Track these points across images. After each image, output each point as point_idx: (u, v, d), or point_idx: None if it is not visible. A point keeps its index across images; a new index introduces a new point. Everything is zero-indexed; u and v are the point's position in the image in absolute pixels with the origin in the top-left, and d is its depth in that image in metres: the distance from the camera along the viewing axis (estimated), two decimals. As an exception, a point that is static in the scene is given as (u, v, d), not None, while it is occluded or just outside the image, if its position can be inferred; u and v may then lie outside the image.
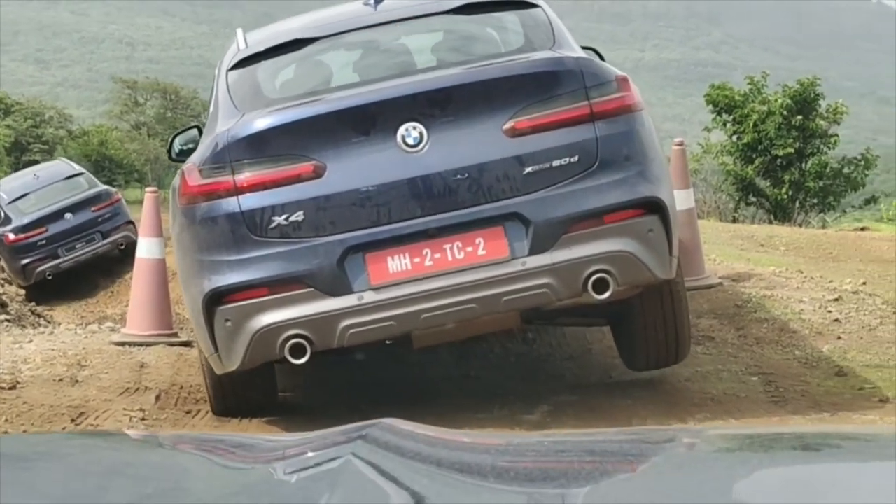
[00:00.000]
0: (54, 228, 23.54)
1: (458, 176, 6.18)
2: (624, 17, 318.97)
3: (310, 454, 2.42)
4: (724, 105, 31.03)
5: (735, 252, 11.70)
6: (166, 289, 9.14)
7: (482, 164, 6.19)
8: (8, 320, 11.42)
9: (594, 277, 6.10)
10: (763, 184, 31.17)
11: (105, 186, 26.39)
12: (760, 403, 6.72)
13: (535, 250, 6.14)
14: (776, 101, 30.58)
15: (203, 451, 2.65)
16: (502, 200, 6.17)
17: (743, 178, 30.58)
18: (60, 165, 28.10)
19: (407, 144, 6.19)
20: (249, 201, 6.22)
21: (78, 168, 27.38)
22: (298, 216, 6.17)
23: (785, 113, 30.31)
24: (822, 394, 6.92)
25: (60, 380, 7.56)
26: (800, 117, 30.66)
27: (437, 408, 6.88)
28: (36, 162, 71.74)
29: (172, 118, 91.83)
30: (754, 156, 30.76)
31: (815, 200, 31.50)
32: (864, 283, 9.77)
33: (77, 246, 23.61)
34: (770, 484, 1.78)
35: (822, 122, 31.05)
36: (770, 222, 31.49)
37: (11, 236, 23.41)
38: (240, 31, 7.48)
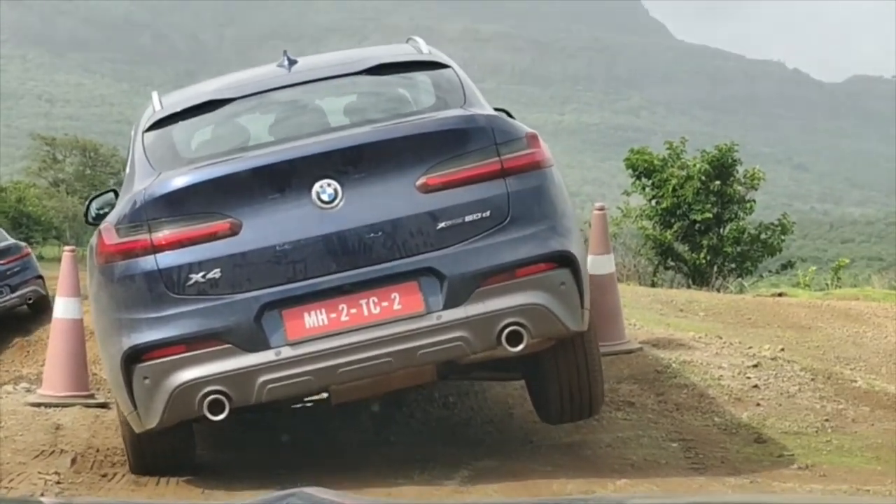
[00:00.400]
0: None
1: (373, 232, 6.37)
2: (544, 79, 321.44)
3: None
4: (643, 169, 30.95)
5: (655, 317, 11.72)
6: (83, 349, 8.99)
7: (396, 220, 6.39)
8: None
9: (508, 330, 6.31)
10: (682, 248, 31.17)
11: (14, 241, 25.53)
12: (681, 470, 6.73)
13: (449, 304, 6.33)
14: (694, 166, 30.53)
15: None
16: (416, 255, 6.37)
17: (662, 242, 30.57)
18: None
19: (322, 201, 6.37)
20: (166, 259, 6.34)
21: None
22: (215, 273, 6.30)
23: (703, 178, 30.25)
24: (742, 460, 6.95)
25: (-27, 442, 7.42)
26: (718, 182, 30.70)
27: (356, 473, 6.83)
28: (-47, 220, 71.17)
29: (92, 175, 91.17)
30: (673, 220, 30.73)
31: (733, 265, 31.65)
32: (783, 350, 9.82)
33: None
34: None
35: (739, 188, 31.14)
36: (689, 286, 31.63)
37: None
38: (155, 94, 7.58)
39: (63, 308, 8.93)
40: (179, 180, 6.53)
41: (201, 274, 6.32)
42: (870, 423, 8.05)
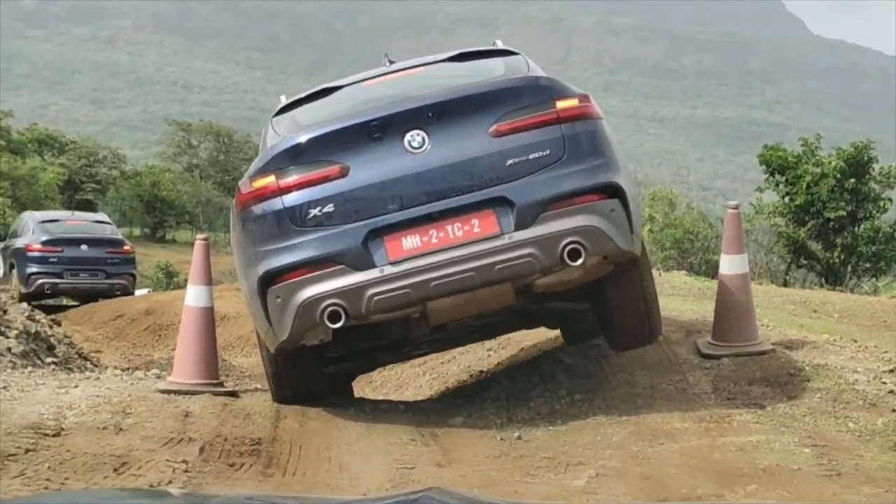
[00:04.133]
0: (69, 252, 26.96)
1: (454, 170, 7.68)
2: (678, 73, 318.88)
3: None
4: (777, 166, 30.66)
5: (788, 317, 11.51)
6: (213, 337, 9.04)
7: (473, 159, 7.70)
8: (55, 363, 11.35)
9: (569, 247, 7.55)
10: (815, 246, 30.79)
11: (122, 237, 30.07)
12: (813, 477, 6.55)
13: (519, 227, 7.60)
14: (829, 163, 30.19)
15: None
16: (491, 188, 7.66)
17: (795, 240, 30.19)
18: (95, 214, 33.70)
19: (412, 147, 7.75)
20: (290, 199, 7.76)
21: (108, 220, 31.76)
22: (330, 208, 7.70)
23: (838, 175, 29.94)
24: (877, 468, 6.74)
25: (104, 427, 7.45)
26: (853, 180, 30.30)
27: (481, 470, 6.79)
28: (89, 201, 72.50)
29: (225, 161, 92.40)
30: (806, 218, 30.39)
31: (868, 265, 31.12)
32: (920, 355, 9.59)
33: (81, 275, 27.05)
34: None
35: (875, 186, 30.72)
36: (821, 286, 31.08)
37: (31, 246, 26.94)
38: (283, 97, 9.26)
39: (194, 296, 8.96)
40: (299, 136, 7.96)
41: (318, 209, 7.70)
42: None
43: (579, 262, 7.58)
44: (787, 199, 30.76)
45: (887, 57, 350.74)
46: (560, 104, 7.86)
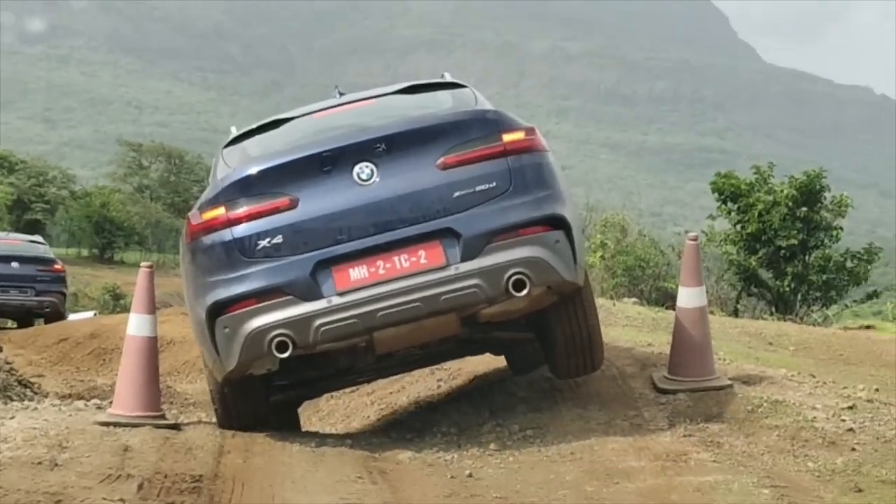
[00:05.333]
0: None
1: (402, 201, 7.83)
2: (630, 99, 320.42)
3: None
4: (729, 193, 30.63)
5: (744, 350, 11.30)
6: (155, 368, 8.70)
7: (421, 191, 7.84)
8: (-9, 391, 10.99)
9: (513, 278, 7.73)
10: (766, 275, 30.75)
11: (53, 256, 30.39)
12: (774, 520, 6.35)
13: (465, 258, 7.76)
14: (782, 191, 30.13)
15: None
16: (438, 219, 7.81)
17: (746, 268, 30.09)
18: (30, 235, 34.03)
19: (361, 179, 7.89)
20: (239, 230, 7.90)
21: (42, 240, 32.29)
22: (278, 239, 7.84)
23: (790, 204, 29.88)
24: (839, 512, 6.55)
25: (40, 462, 7.12)
26: (805, 209, 30.31)
27: None
28: (37, 221, 71.99)
29: (176, 182, 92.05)
30: (758, 246, 30.30)
31: (818, 294, 31.12)
32: (878, 390, 9.35)
33: (10, 291, 27.40)
34: None
35: (826, 215, 30.76)
36: (771, 314, 31.08)
37: None
38: (233, 128, 9.37)
39: (137, 325, 8.64)
40: (248, 168, 8.09)
41: (267, 240, 7.84)
42: (974, 473, 7.59)
43: (524, 292, 7.78)
44: (738, 226, 30.69)
45: (837, 85, 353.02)
46: (507, 137, 8.03)
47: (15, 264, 27.84)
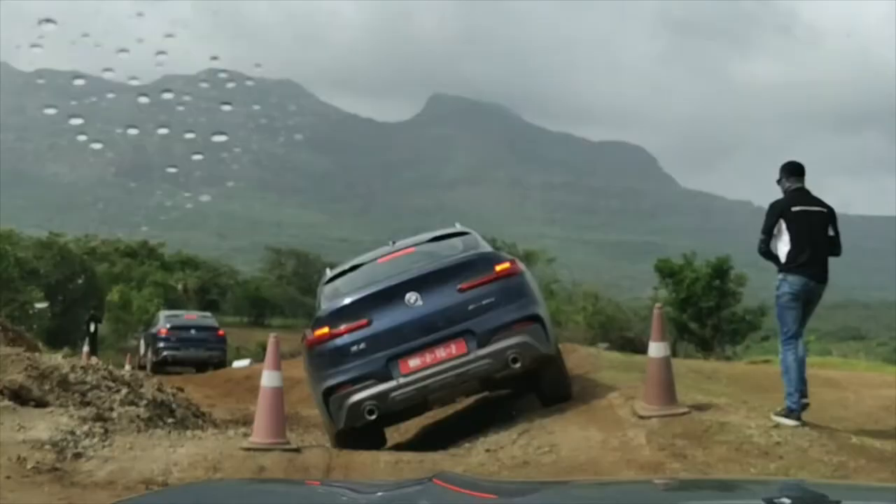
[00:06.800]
0: (183, 335, 28.06)
1: (438, 315, 8.15)
2: (596, 211, 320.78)
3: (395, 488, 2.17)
4: (667, 272, 31.28)
5: (692, 384, 10.47)
6: (281, 408, 8.04)
7: (448, 307, 8.18)
8: (174, 422, 10.28)
9: (511, 356, 8.11)
10: (693, 326, 31.18)
11: (219, 326, 30.99)
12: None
13: (480, 346, 8.11)
14: (702, 270, 31.19)
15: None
16: (460, 324, 8.14)
17: (680, 322, 30.58)
18: (204, 312, 35.92)
19: (411, 302, 8.21)
20: (339, 341, 8.22)
21: (210, 315, 33.86)
22: (363, 346, 8.14)
23: (708, 278, 30.89)
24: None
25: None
26: (718, 281, 31.36)
27: None
28: (215, 301, 71.90)
29: (304, 273, 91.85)
30: (687, 307, 31.17)
31: (728, 338, 31.94)
32: (792, 412, 8.57)
33: (190, 349, 27.77)
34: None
35: (731, 285, 31.84)
36: (698, 351, 30.70)
37: (161, 330, 28.17)
38: (328, 269, 9.72)
39: (268, 378, 8.01)
40: (340, 302, 8.43)
41: (356, 346, 8.16)
42: (867, 472, 6.82)
43: (518, 365, 8.12)
44: (674, 294, 31.32)
45: (730, 200, 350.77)
46: (498, 267, 8.36)
47: (193, 331, 28.48)
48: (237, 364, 29.37)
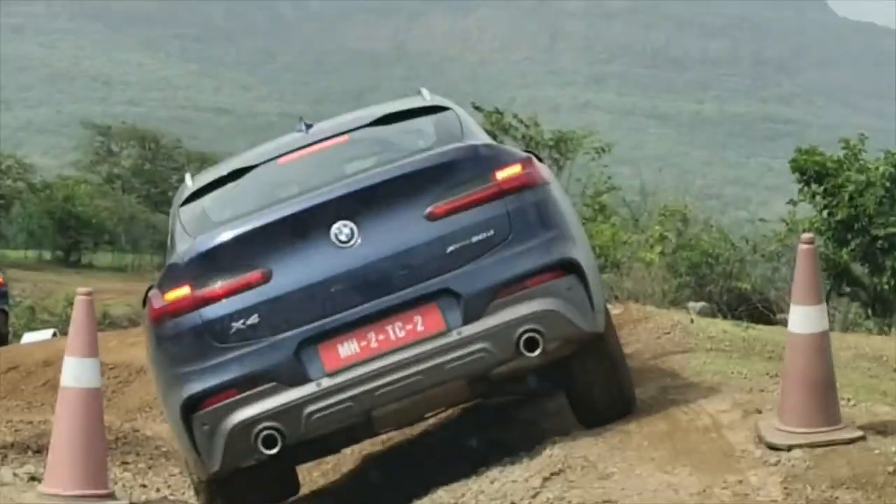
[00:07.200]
0: None
1: (390, 263, 8.03)
2: (681, 63, 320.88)
3: None
4: (814, 173, 30.44)
5: (866, 382, 10.33)
6: (100, 429, 8.07)
7: (410, 249, 8.05)
8: None
9: (524, 336, 7.94)
10: (860, 270, 30.71)
11: None
12: None
13: (468, 319, 7.98)
14: (876, 169, 30.09)
15: None
16: (432, 279, 8.00)
17: (836, 263, 30.01)
18: None
19: (340, 241, 8.02)
20: (209, 313, 7.98)
21: None
22: (254, 319, 7.94)
23: (887, 184, 29.85)
24: None
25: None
26: None
27: None
28: (-10, 220, 72.03)
29: (151, 170, 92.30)
30: (850, 236, 30.37)
31: (927, 295, 31.39)
32: None
33: None
34: None
35: None
36: (867, 317, 30.73)
37: None
38: (188, 175, 9.57)
39: (73, 373, 7.88)
40: (212, 239, 8.16)
41: (241, 321, 7.94)
42: None
43: (537, 351, 7.98)
44: (825, 213, 30.73)
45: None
46: (500, 174, 8.21)
47: None
48: (29, 338, 29.51)
